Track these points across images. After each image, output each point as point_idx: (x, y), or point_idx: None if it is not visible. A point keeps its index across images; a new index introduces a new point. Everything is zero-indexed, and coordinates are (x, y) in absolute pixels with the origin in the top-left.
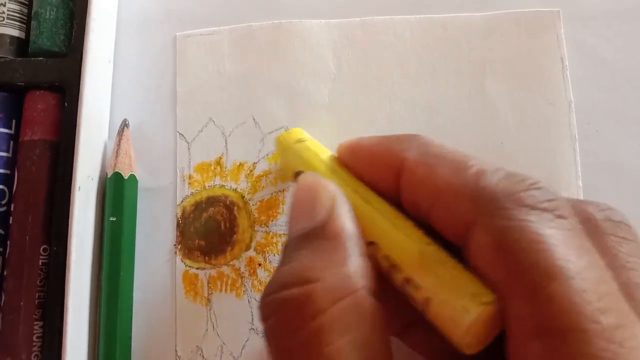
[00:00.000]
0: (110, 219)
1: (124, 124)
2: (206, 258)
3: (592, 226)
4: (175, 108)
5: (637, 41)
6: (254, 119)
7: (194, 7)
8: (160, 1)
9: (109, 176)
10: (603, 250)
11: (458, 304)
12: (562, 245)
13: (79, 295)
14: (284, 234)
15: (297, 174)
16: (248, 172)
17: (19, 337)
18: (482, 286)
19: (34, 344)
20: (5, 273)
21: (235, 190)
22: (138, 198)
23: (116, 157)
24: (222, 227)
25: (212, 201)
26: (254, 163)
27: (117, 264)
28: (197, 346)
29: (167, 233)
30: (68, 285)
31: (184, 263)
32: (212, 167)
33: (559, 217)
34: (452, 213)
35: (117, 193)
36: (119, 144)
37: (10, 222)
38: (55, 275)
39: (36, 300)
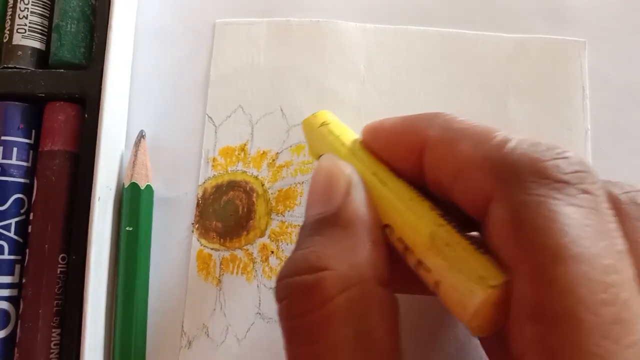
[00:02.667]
0: (127, 228)
1: (141, 135)
2: (221, 240)
3: (617, 208)
4: (193, 118)
5: None
6: (281, 110)
7: (209, 17)
8: (176, 14)
9: (125, 186)
10: (625, 235)
11: (465, 287)
12: (578, 225)
13: (96, 303)
14: (298, 225)
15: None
16: (270, 161)
17: (37, 345)
18: (493, 268)
19: (51, 351)
20: (24, 281)
21: (256, 177)
22: (154, 208)
23: (133, 167)
24: (240, 212)
25: (232, 185)
26: (277, 153)
27: (132, 273)
28: (204, 324)
29: (180, 241)
30: (86, 293)
31: (200, 242)
32: (237, 153)
33: (584, 192)
34: (473, 187)
35: (133, 203)
36: (135, 155)
37: (29, 230)
38: (74, 283)
39: (54, 308)
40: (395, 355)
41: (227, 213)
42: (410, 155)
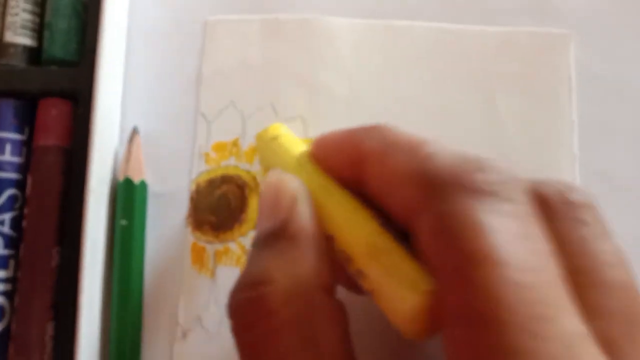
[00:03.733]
0: (121, 222)
1: (135, 131)
2: (215, 233)
3: (547, 209)
4: (185, 114)
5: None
6: (272, 106)
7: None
8: (168, 11)
9: (119, 181)
10: (555, 236)
11: (397, 293)
12: (500, 232)
13: (90, 296)
14: None
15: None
16: None
17: (32, 338)
18: (423, 275)
19: (46, 344)
20: (19, 275)
21: (248, 171)
22: (148, 203)
23: (127, 162)
24: (233, 205)
25: (225, 179)
26: None
27: (127, 266)
28: (198, 315)
29: (174, 234)
30: (81, 286)
31: (194, 235)
32: (229, 148)
33: (505, 200)
34: (402, 200)
35: (127, 198)
36: (129, 150)
37: (24, 225)
38: (68, 277)
39: (49, 302)
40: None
41: (220, 207)
42: (352, 167)
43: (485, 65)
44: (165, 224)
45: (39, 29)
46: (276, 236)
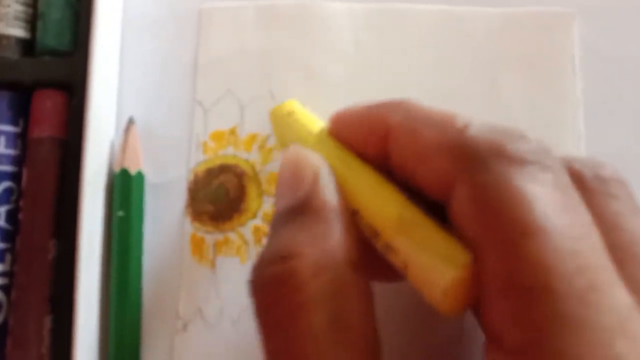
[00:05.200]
0: (118, 213)
1: (131, 121)
2: (214, 223)
3: (580, 184)
4: (182, 103)
5: None
6: (271, 93)
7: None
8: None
9: (116, 172)
10: (590, 210)
11: (433, 267)
12: (544, 201)
13: (88, 289)
14: None
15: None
16: (261, 143)
17: (29, 332)
18: (460, 248)
19: (44, 337)
20: (15, 269)
21: (246, 160)
22: (145, 193)
23: (123, 153)
24: (231, 195)
25: (224, 168)
26: (267, 136)
27: (125, 258)
28: (199, 307)
29: (173, 224)
30: (78, 279)
31: (193, 226)
32: (227, 136)
33: (544, 169)
34: (436, 171)
35: (124, 188)
36: (126, 141)
37: (20, 218)
38: (65, 269)
39: (46, 295)
40: (372, 339)
41: (219, 196)
42: (376, 141)
43: (488, 47)
44: (164, 215)
45: (32, 20)
46: (301, 210)
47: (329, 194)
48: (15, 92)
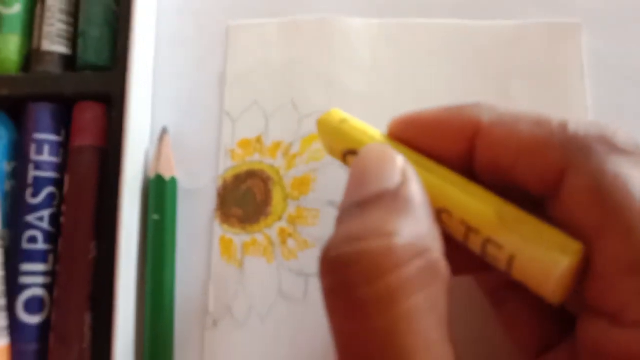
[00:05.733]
0: (154, 217)
1: (164, 131)
2: (242, 225)
3: None
4: (212, 114)
5: None
6: (293, 104)
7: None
8: (192, 18)
9: (151, 178)
10: None
11: (547, 258)
12: None
13: (126, 287)
14: (313, 209)
15: (347, 153)
16: (284, 150)
17: (71, 328)
18: (567, 237)
19: (85, 333)
20: (57, 268)
21: (272, 166)
22: (178, 199)
23: (158, 160)
24: (258, 199)
25: (250, 174)
26: (291, 143)
27: (160, 258)
28: (228, 305)
29: (204, 227)
30: (116, 278)
31: (222, 228)
32: (253, 144)
33: None
34: (540, 164)
35: (159, 193)
36: (160, 149)
37: (62, 221)
38: (104, 269)
39: (87, 293)
40: (452, 330)
41: (247, 200)
42: (457, 143)
43: (499, 59)
44: (195, 218)
45: (74, 38)
46: (391, 197)
47: (418, 186)
48: (57, 104)
